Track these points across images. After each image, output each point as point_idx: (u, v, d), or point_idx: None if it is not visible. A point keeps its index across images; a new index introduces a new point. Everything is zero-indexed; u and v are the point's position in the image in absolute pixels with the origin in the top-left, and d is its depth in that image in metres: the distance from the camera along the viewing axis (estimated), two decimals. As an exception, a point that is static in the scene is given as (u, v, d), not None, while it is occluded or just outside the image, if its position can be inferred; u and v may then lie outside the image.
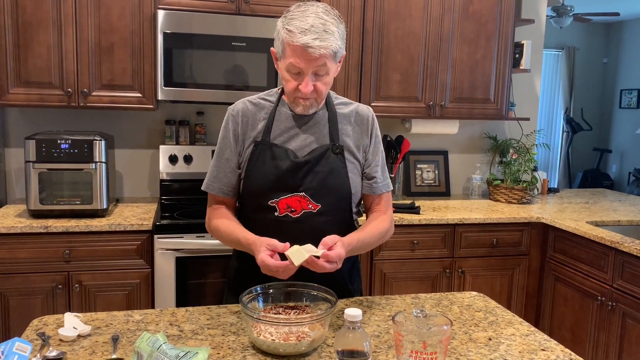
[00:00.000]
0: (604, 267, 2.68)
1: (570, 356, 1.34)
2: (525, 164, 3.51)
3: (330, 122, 1.61)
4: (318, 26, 1.42)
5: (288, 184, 1.55)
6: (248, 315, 1.29)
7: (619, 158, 8.49)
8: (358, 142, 1.63)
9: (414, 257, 2.99)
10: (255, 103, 1.63)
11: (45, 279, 2.58)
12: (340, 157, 1.58)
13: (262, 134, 1.58)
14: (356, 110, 1.66)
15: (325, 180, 1.56)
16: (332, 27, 1.44)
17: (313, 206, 1.56)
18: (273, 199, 1.55)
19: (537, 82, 3.86)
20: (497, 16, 3.26)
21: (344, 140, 1.61)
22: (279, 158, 1.55)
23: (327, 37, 1.43)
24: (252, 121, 1.61)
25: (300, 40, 1.41)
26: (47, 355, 1.24)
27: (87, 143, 2.66)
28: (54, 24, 2.70)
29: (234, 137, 1.61)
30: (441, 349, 1.16)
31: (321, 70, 1.47)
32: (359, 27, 3.08)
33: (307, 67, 1.45)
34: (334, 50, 1.45)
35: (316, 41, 1.41)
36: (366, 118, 1.65)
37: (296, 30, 1.42)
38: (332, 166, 1.57)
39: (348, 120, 1.63)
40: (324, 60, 1.44)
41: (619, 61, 8.46)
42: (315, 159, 1.56)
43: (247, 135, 1.60)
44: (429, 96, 3.24)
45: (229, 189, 1.63)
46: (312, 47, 1.41)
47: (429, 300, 1.70)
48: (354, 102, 1.70)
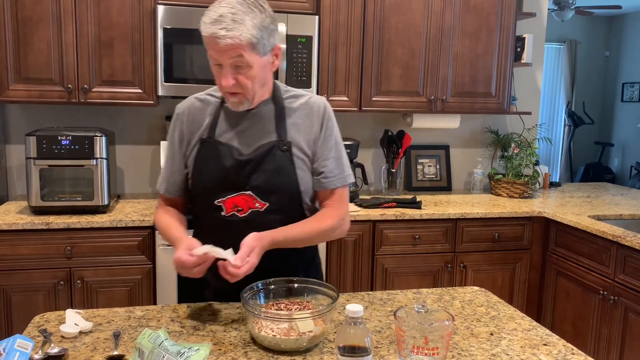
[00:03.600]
0: (605, 262, 2.68)
1: (572, 351, 1.33)
2: (527, 158, 3.50)
3: (277, 117, 1.54)
4: (227, 15, 1.36)
5: (233, 183, 1.51)
6: (249, 311, 1.29)
7: (621, 152, 8.47)
8: (308, 136, 1.56)
9: (416, 252, 2.99)
10: (202, 99, 1.59)
11: (47, 275, 2.58)
12: (287, 154, 1.52)
13: (207, 132, 1.54)
14: (307, 103, 1.58)
15: (271, 179, 1.51)
16: (243, 16, 1.37)
17: (260, 205, 1.51)
18: (219, 198, 1.52)
19: (539, 76, 3.85)
20: (498, 9, 3.25)
21: (294, 135, 1.54)
22: (223, 156, 1.51)
23: (235, 27, 1.35)
24: (198, 119, 1.56)
25: (209, 30, 1.37)
26: (49, 351, 1.24)
27: (87, 139, 2.66)
28: (54, 19, 2.70)
29: (179, 137, 1.58)
30: (443, 344, 1.16)
31: (240, 62, 1.40)
32: (360, 21, 3.07)
33: (221, 58, 1.39)
34: (248, 41, 1.37)
35: (222, 31, 1.35)
36: (317, 110, 1.57)
37: (207, 20, 1.38)
38: (278, 164, 1.51)
39: (298, 114, 1.56)
40: (238, 51, 1.37)
41: (621, 54, 8.42)
42: (260, 157, 1.50)
43: (194, 133, 1.56)
44: (430, 90, 3.23)
45: (175, 188, 1.62)
46: (218, 38, 1.35)
47: (430, 296, 1.70)
48: (308, 93, 1.62)
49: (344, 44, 3.06)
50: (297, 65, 2.93)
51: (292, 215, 1.55)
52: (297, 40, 2.91)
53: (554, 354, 1.31)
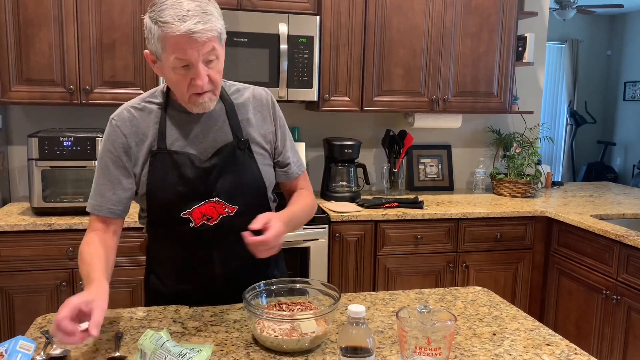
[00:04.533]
0: (608, 261, 2.67)
1: (575, 351, 1.33)
2: (529, 157, 3.49)
3: (228, 115, 1.48)
4: (195, 9, 1.28)
5: (199, 192, 1.43)
6: (251, 312, 1.29)
7: (623, 151, 8.45)
8: (263, 130, 1.53)
9: (418, 252, 2.99)
10: (140, 108, 1.46)
11: (49, 276, 2.58)
12: (247, 152, 1.48)
13: (156, 143, 1.43)
14: (253, 96, 1.53)
15: (238, 180, 1.46)
16: (209, 7, 1.32)
17: (230, 209, 1.46)
18: (185, 210, 1.44)
19: (541, 75, 3.84)
20: (499, 9, 3.24)
21: (248, 131, 1.50)
22: (182, 166, 1.42)
23: (208, 19, 1.30)
24: (141, 129, 1.44)
25: (182, 28, 1.26)
26: (51, 353, 1.24)
27: (89, 140, 2.66)
28: (55, 21, 2.70)
29: (123, 150, 1.44)
30: (445, 344, 1.16)
31: (211, 56, 1.33)
32: (361, 22, 3.07)
33: (197, 56, 1.30)
34: (218, 32, 1.33)
35: (199, 25, 1.27)
36: (265, 103, 1.54)
37: (173, 19, 1.27)
38: (241, 164, 1.46)
39: (247, 109, 1.51)
40: (211, 44, 1.31)
41: (623, 53, 8.41)
42: (223, 160, 1.44)
43: (140, 146, 1.44)
44: (432, 90, 3.22)
45: (120, 208, 1.46)
46: (197, 33, 1.27)
47: (432, 296, 1.69)
48: (249, 86, 1.56)
49: (345, 44, 3.06)
50: (298, 65, 2.92)
51: (260, 210, 1.45)
52: (298, 41, 2.91)
53: (557, 354, 1.31)
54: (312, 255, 2.82)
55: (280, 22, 2.87)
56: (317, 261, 2.84)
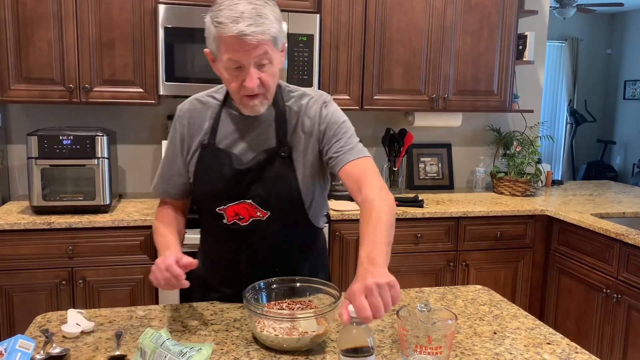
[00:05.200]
0: (608, 260, 2.67)
1: (575, 349, 1.33)
2: (529, 156, 3.49)
3: (277, 121, 1.46)
4: (250, 11, 1.28)
5: (233, 192, 1.46)
6: (251, 311, 1.29)
7: (623, 149, 8.45)
8: (311, 138, 1.47)
9: (418, 250, 2.98)
10: (203, 101, 1.52)
11: (48, 275, 2.58)
12: (287, 161, 1.45)
13: (207, 137, 1.48)
14: (307, 103, 1.49)
15: (272, 188, 1.45)
16: (265, 11, 1.30)
17: (262, 214, 1.46)
18: (220, 206, 1.47)
19: (541, 74, 3.83)
20: (500, 7, 3.24)
21: (295, 140, 1.47)
22: (222, 164, 1.45)
23: (262, 22, 1.29)
24: (198, 122, 1.50)
25: (234, 29, 1.27)
26: (51, 352, 1.24)
27: (89, 139, 2.65)
28: (55, 19, 2.69)
29: (180, 140, 1.52)
30: (446, 343, 1.16)
31: (263, 60, 1.33)
32: (361, 20, 3.06)
33: (248, 58, 1.31)
34: (272, 35, 1.32)
35: (251, 27, 1.27)
36: (316, 107, 1.48)
37: (227, 20, 1.28)
38: (278, 171, 1.45)
39: (299, 117, 1.48)
40: (264, 47, 1.31)
41: (623, 52, 8.40)
42: (260, 166, 1.44)
43: (194, 137, 1.50)
44: (432, 89, 3.22)
45: (175, 191, 1.56)
46: (248, 35, 1.27)
47: (433, 294, 1.69)
48: (311, 93, 1.51)
49: (345, 43, 3.06)
50: (298, 64, 2.92)
51: (295, 223, 1.52)
52: (298, 39, 2.91)
53: (557, 353, 1.31)
54: (312, 254, 2.82)
55: (280, 21, 2.86)
56: (317, 260, 2.84)
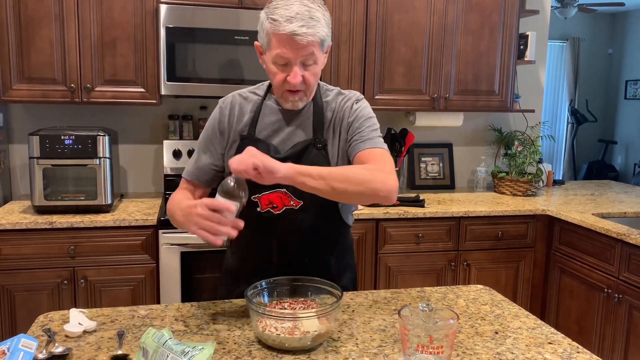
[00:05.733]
0: (610, 260, 2.67)
1: (577, 349, 1.33)
2: (530, 156, 3.49)
3: (315, 115, 1.55)
4: (304, 13, 1.38)
5: None
6: (253, 310, 1.29)
7: (624, 149, 8.45)
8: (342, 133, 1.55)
9: (419, 250, 2.98)
10: (244, 96, 1.61)
11: (50, 274, 2.58)
12: (323, 152, 1.53)
13: (247, 128, 1.56)
14: (342, 100, 1.58)
15: None
16: (317, 14, 1.40)
17: (295, 203, 1.52)
18: (255, 194, 1.52)
19: (542, 74, 3.83)
20: (501, 7, 3.24)
21: (330, 134, 1.55)
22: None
23: (313, 24, 1.39)
24: (239, 114, 1.58)
25: (287, 28, 1.37)
26: (53, 351, 1.24)
27: (90, 139, 2.66)
28: (56, 19, 2.70)
29: (219, 128, 1.59)
30: (447, 343, 1.16)
31: (309, 60, 1.43)
32: (362, 20, 3.06)
33: (295, 56, 1.41)
34: (321, 38, 1.41)
35: (303, 28, 1.37)
36: (349, 104, 1.57)
37: (281, 18, 1.38)
38: (313, 161, 1.50)
39: (334, 113, 1.56)
40: (311, 48, 1.40)
41: (624, 52, 8.40)
42: (296, 155, 1.51)
43: (234, 128, 1.58)
44: (433, 88, 3.22)
45: (206, 177, 1.60)
46: (299, 35, 1.37)
47: (434, 294, 1.69)
48: (346, 92, 1.62)
49: (346, 42, 3.06)
50: (300, 63, 2.92)
51: (326, 215, 1.57)
52: (299, 39, 2.90)
53: (559, 353, 1.31)
54: (313, 254, 2.82)
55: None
56: (319, 259, 2.84)
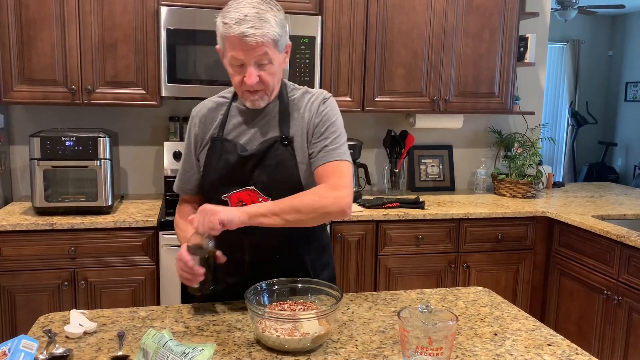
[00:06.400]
0: (609, 261, 2.67)
1: (576, 351, 1.33)
2: (530, 158, 3.49)
3: (281, 113, 1.57)
4: (253, 15, 1.41)
5: (237, 178, 1.55)
6: (253, 312, 1.29)
7: (625, 151, 8.45)
8: (309, 130, 1.56)
9: (419, 252, 2.99)
10: (214, 101, 1.66)
11: (51, 275, 2.59)
12: (289, 149, 1.54)
13: (217, 131, 1.60)
14: (310, 99, 1.59)
15: (273, 174, 1.54)
16: (267, 15, 1.43)
17: (263, 199, 1.54)
18: (225, 193, 1.57)
19: (542, 76, 3.84)
20: (501, 9, 3.24)
21: (296, 131, 1.55)
22: (228, 152, 1.56)
23: (262, 25, 1.41)
24: (210, 120, 1.63)
25: (236, 30, 1.40)
26: (54, 352, 1.24)
27: (91, 140, 2.66)
28: (57, 21, 2.70)
29: (194, 138, 1.64)
30: (447, 344, 1.16)
31: (263, 60, 1.45)
32: (363, 22, 3.07)
33: (248, 57, 1.43)
34: (272, 38, 1.44)
35: (251, 29, 1.40)
36: (317, 102, 1.58)
37: (231, 21, 1.41)
38: (280, 158, 1.54)
39: (301, 111, 1.57)
40: (263, 49, 1.43)
41: (624, 54, 8.40)
42: (262, 152, 1.54)
43: (206, 134, 1.62)
44: (433, 91, 3.22)
45: (189, 187, 1.69)
46: (248, 36, 1.40)
47: (434, 296, 1.70)
48: (313, 90, 1.63)
49: (346, 45, 3.07)
50: (300, 65, 2.93)
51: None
52: (299, 41, 2.92)
53: (558, 354, 1.31)
54: (313, 255, 2.82)
55: (282, 23, 2.87)
56: (319, 261, 2.84)
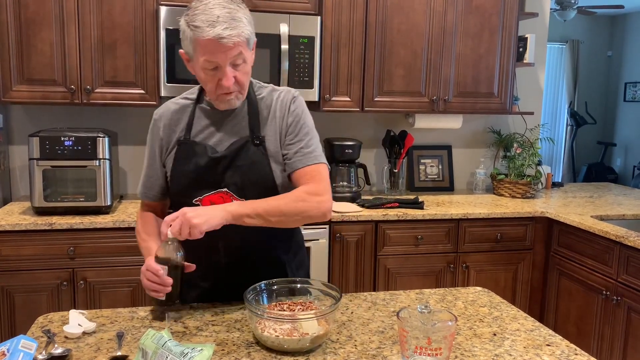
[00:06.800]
0: (608, 262, 2.68)
1: (575, 351, 1.33)
2: (530, 158, 3.50)
3: (250, 113, 1.54)
4: (225, 15, 1.38)
5: (209, 181, 1.51)
6: (252, 312, 1.29)
7: (624, 152, 8.45)
8: (280, 129, 1.55)
9: (418, 252, 2.99)
10: (177, 103, 1.61)
11: (50, 275, 2.59)
12: (261, 149, 1.52)
13: (183, 133, 1.56)
14: (278, 97, 1.58)
15: (246, 175, 1.51)
16: (238, 14, 1.40)
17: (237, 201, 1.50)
18: (197, 197, 1.52)
19: (541, 76, 3.84)
20: (500, 10, 3.24)
21: (267, 131, 1.54)
22: (198, 155, 1.52)
23: (237, 25, 1.39)
24: (174, 123, 1.58)
25: (211, 33, 1.36)
26: (53, 352, 1.24)
27: (90, 140, 2.66)
28: (57, 21, 2.70)
29: (158, 143, 1.60)
30: (446, 344, 1.16)
31: (238, 60, 1.43)
32: (362, 22, 3.07)
33: (224, 59, 1.40)
34: (246, 37, 1.42)
35: (227, 30, 1.37)
36: (285, 101, 1.56)
37: (203, 24, 1.37)
38: (252, 159, 1.51)
39: (270, 110, 1.56)
40: (239, 48, 1.41)
41: (624, 54, 8.41)
42: (233, 153, 1.51)
43: (171, 137, 1.58)
44: (433, 91, 3.23)
45: (152, 193, 1.65)
46: (224, 38, 1.37)
47: (433, 296, 1.70)
48: (280, 88, 1.61)
49: (346, 45, 3.06)
50: (299, 65, 2.93)
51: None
52: (299, 41, 2.91)
53: (557, 355, 1.31)
54: (312, 256, 2.82)
55: (281, 22, 2.88)
56: (318, 261, 2.84)
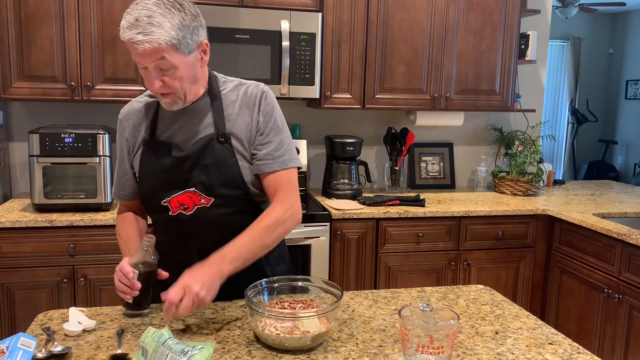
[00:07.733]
0: (610, 260, 2.67)
1: (577, 350, 1.33)
2: (531, 155, 3.49)
3: (214, 109, 1.50)
4: (143, 19, 1.31)
5: (175, 181, 1.49)
6: (253, 310, 1.29)
7: (625, 149, 8.44)
8: (248, 126, 1.51)
9: (419, 250, 2.98)
10: (141, 102, 1.59)
11: (50, 273, 2.58)
12: (227, 146, 1.48)
13: (148, 133, 1.53)
14: (245, 92, 1.53)
15: (213, 173, 1.48)
16: (159, 19, 1.32)
17: (206, 200, 1.49)
18: (165, 198, 1.50)
19: (543, 73, 3.83)
20: (502, 7, 3.23)
21: (232, 127, 1.50)
22: (163, 155, 1.50)
23: (152, 30, 1.31)
24: (138, 121, 1.56)
25: (126, 36, 1.33)
26: (52, 350, 1.24)
27: (90, 137, 2.65)
28: (57, 17, 2.69)
29: (125, 142, 1.58)
30: (448, 343, 1.15)
31: (163, 65, 1.37)
32: (363, 19, 3.06)
33: (146, 62, 1.36)
34: (167, 43, 1.33)
35: (139, 36, 1.31)
36: (254, 98, 1.52)
37: (125, 24, 1.34)
38: (218, 157, 1.48)
39: (236, 105, 1.52)
40: (159, 54, 1.34)
41: (625, 52, 8.39)
42: (198, 151, 1.47)
43: (137, 137, 1.56)
44: (434, 88, 3.21)
45: (124, 192, 1.64)
46: (136, 43, 1.32)
47: (435, 294, 1.69)
48: (247, 82, 1.56)
49: (347, 42, 3.05)
50: (300, 62, 2.92)
51: (240, 208, 1.52)
52: (300, 38, 2.90)
53: (559, 353, 1.31)
54: (313, 253, 2.82)
55: (282, 19, 2.86)
56: (319, 259, 2.84)
